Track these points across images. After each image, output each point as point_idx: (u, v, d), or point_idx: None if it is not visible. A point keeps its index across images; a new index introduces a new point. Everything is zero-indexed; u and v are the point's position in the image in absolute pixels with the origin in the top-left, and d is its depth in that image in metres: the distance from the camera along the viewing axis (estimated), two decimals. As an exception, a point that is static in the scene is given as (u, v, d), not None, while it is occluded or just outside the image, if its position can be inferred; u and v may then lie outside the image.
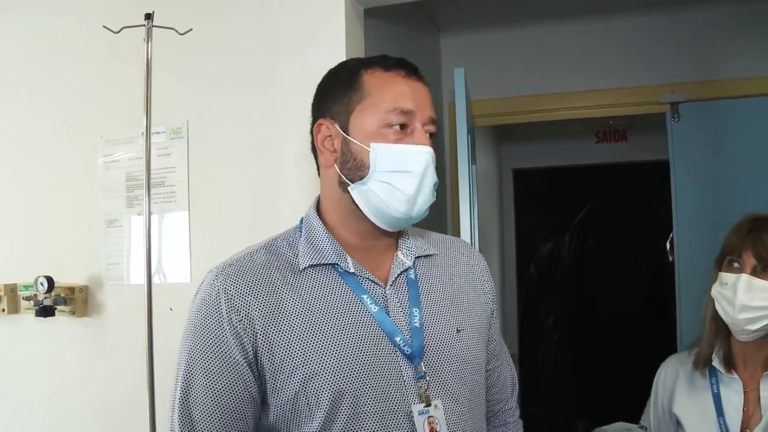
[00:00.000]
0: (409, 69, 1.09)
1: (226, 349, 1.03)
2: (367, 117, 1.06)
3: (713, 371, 1.45)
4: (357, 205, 1.08)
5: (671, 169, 3.04)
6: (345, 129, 1.07)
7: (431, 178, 1.06)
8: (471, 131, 2.37)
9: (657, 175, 3.40)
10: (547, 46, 3.23)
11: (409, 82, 1.08)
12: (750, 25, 2.93)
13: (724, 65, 2.97)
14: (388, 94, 1.06)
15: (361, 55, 2.08)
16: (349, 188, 1.07)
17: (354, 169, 1.06)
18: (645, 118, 3.46)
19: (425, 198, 1.07)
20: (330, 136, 1.09)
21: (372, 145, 1.05)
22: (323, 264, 1.08)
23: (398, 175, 1.04)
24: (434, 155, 1.07)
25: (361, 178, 1.06)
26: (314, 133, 1.12)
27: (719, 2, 2.97)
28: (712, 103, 2.97)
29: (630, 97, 3.11)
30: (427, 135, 1.08)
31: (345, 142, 1.07)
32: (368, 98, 1.06)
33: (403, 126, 1.05)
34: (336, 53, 1.95)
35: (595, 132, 4.48)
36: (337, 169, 1.08)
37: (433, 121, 1.09)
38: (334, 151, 1.09)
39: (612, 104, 3.19)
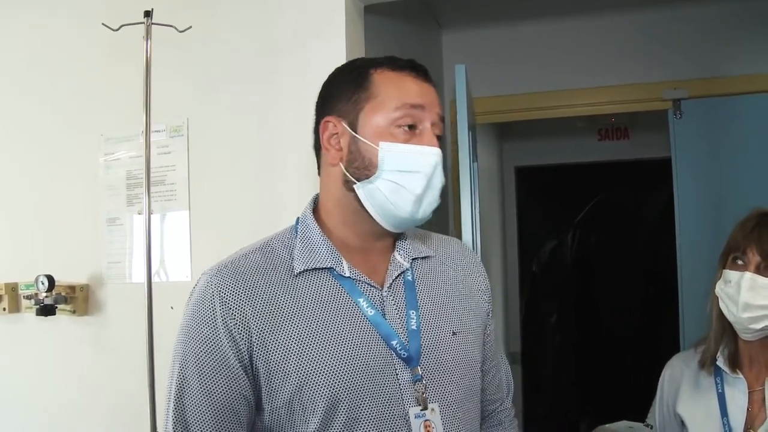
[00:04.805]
0: (418, 71, 1.09)
1: (221, 352, 1.02)
2: (376, 116, 1.05)
3: (718, 371, 1.43)
4: (361, 204, 1.07)
5: (673, 167, 3.03)
6: (353, 127, 1.07)
7: (439, 179, 1.07)
8: (472, 128, 2.36)
9: (659, 172, 3.38)
10: (549, 43, 3.21)
11: (418, 82, 1.08)
12: (753, 21, 2.92)
13: (726, 62, 2.96)
14: (398, 93, 1.06)
15: (362, 52, 2.07)
16: (354, 186, 1.07)
17: (361, 168, 1.06)
18: (647, 115, 3.44)
19: (432, 199, 1.07)
20: (336, 133, 1.08)
21: (381, 144, 1.04)
22: (319, 268, 1.08)
23: (406, 175, 1.04)
24: (442, 157, 1.08)
25: (368, 177, 1.05)
26: (320, 131, 1.11)
27: (722, -1, 2.96)
28: (714, 100, 2.95)
29: (632, 94, 3.10)
30: (435, 137, 1.08)
31: (353, 141, 1.06)
32: (377, 97, 1.06)
33: (411, 126, 1.06)
34: (336, 50, 1.95)
35: (597, 129, 4.47)
36: (343, 168, 1.07)
37: (441, 122, 1.10)
38: (341, 149, 1.08)
39: (614, 101, 3.18)
